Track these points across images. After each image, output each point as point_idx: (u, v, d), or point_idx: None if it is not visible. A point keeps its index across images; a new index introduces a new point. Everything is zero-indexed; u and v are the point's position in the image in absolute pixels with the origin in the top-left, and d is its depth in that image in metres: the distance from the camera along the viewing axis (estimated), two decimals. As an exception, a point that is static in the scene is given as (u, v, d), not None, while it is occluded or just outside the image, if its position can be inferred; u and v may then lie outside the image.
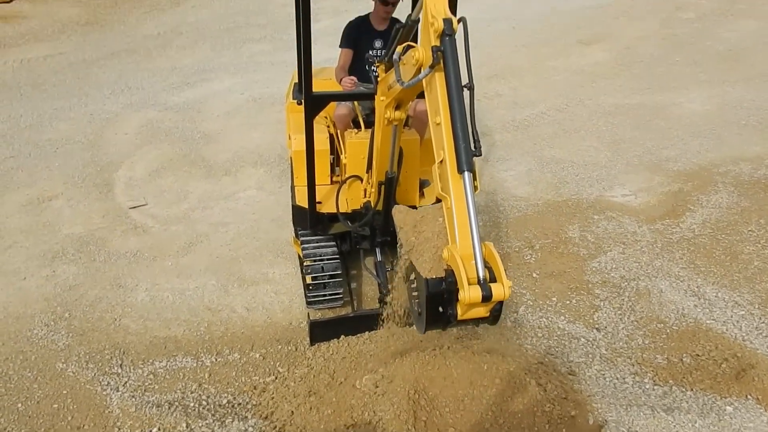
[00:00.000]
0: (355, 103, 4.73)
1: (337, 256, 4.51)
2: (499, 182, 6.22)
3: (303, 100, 4.02)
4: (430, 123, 2.82)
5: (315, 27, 10.41)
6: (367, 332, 4.31)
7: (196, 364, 4.20)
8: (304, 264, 4.49)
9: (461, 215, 2.57)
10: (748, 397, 3.82)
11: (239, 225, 5.54)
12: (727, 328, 4.46)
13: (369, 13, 4.64)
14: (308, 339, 4.30)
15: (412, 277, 2.78)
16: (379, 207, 4.25)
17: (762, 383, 3.87)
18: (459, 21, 2.76)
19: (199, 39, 9.52)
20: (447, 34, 2.70)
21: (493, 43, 9.34)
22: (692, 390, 3.95)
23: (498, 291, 2.40)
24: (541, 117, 7.55)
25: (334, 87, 4.74)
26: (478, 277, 2.43)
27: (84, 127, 7.08)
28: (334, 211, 4.42)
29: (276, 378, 4.10)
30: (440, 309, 2.54)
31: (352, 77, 4.51)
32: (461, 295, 2.39)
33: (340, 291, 4.54)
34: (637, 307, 4.68)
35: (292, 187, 4.74)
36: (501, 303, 2.49)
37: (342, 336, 4.30)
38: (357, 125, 4.66)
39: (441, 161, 2.69)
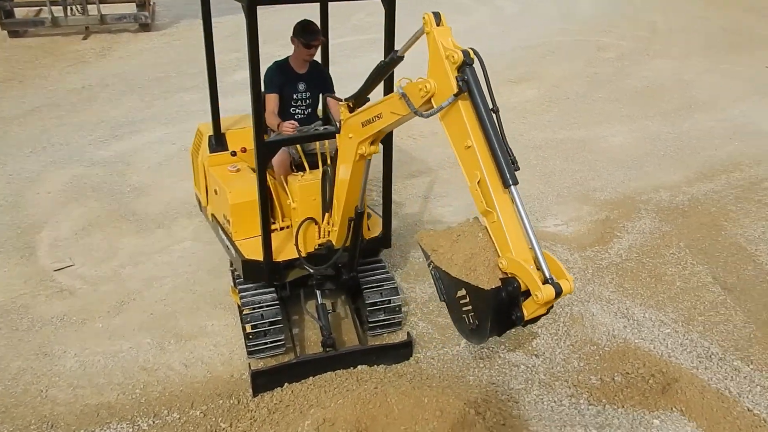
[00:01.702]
0: (298, 146, 4.73)
1: (277, 303, 4.46)
2: (438, 218, 6.35)
3: (256, 148, 3.98)
4: (455, 148, 2.96)
5: (237, 77, 10.50)
6: (311, 377, 4.28)
7: (132, 429, 4.02)
8: (243, 313, 4.42)
9: (510, 225, 2.76)
10: (674, 409, 4.00)
11: (174, 279, 5.42)
12: (654, 346, 4.66)
13: (288, 57, 4.69)
14: (251, 390, 4.21)
15: (461, 293, 2.87)
16: (347, 244, 4.26)
17: (685, 395, 4.06)
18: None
19: (126, 90, 9.40)
20: (468, 63, 2.89)
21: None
22: (623, 407, 4.09)
23: (566, 286, 2.66)
24: (474, 153, 7.76)
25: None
26: (545, 276, 2.65)
27: (2, 189, 6.81)
28: (290, 257, 4.38)
29: (218, 434, 3.98)
30: (505, 314, 2.74)
31: (292, 121, 4.54)
32: (538, 295, 2.60)
33: (282, 338, 4.47)
34: (572, 331, 4.83)
35: (232, 243, 4.61)
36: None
37: (286, 384, 4.24)
38: (298, 169, 4.65)
39: (478, 181, 2.84)
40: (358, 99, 3.69)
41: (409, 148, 7.69)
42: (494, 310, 2.74)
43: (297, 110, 4.71)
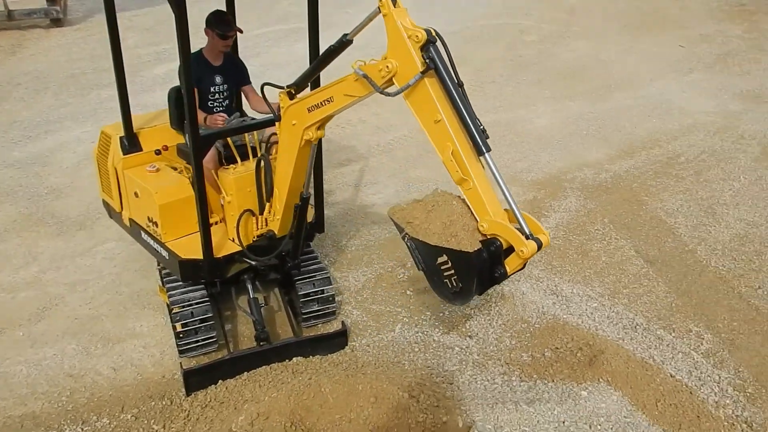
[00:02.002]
0: (228, 139, 4.60)
1: (207, 299, 4.37)
2: (368, 205, 6.35)
3: (192, 143, 3.85)
4: (424, 124, 3.07)
5: (158, 71, 10.12)
6: (246, 372, 4.24)
7: (59, 438, 3.88)
8: (173, 311, 4.32)
9: (485, 190, 3.00)
10: (600, 380, 4.14)
11: (99, 281, 5.23)
12: (582, 320, 4.82)
13: (201, 49, 4.54)
14: (184, 390, 4.12)
15: (441, 259, 3.02)
16: (293, 230, 4.24)
17: (611, 366, 4.21)
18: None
19: (40, 89, 8.96)
20: (432, 41, 3.01)
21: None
22: (553, 381, 4.21)
23: (544, 239, 2.94)
24: (404, 140, 7.81)
25: (173, 133, 4.66)
26: (525, 233, 2.90)
27: None
28: (231, 252, 4.31)
29: (151, 436, 3.89)
30: (488, 273, 2.96)
31: (222, 113, 4.43)
32: (524, 251, 2.84)
33: (213, 335, 4.39)
34: (504, 310, 4.93)
35: (162, 246, 4.43)
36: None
37: (220, 381, 4.18)
38: (227, 162, 4.49)
39: (452, 152, 3.00)
40: (301, 85, 3.69)
41: (337, 137, 7.65)
42: (479, 271, 2.92)
43: (215, 104, 4.59)
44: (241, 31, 4.50)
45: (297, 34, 10.78)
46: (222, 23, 4.37)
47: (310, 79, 3.71)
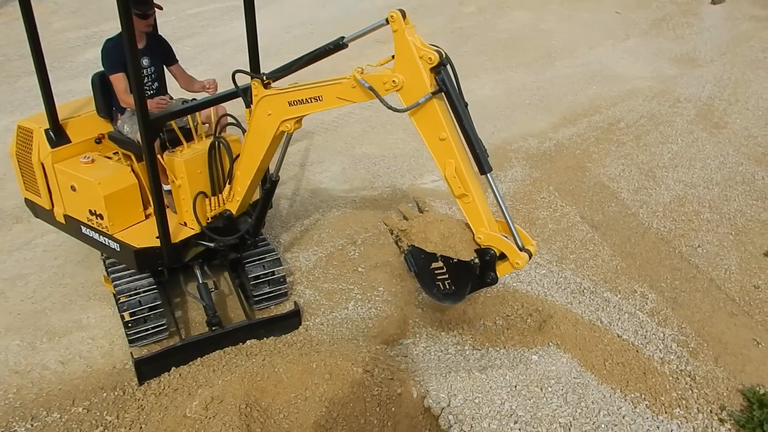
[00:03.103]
0: (173, 122, 4.43)
1: (155, 287, 4.29)
2: (315, 184, 6.30)
3: (142, 128, 3.74)
4: (428, 140, 3.19)
5: (88, 55, 9.70)
6: (198, 358, 4.19)
7: (8, 435, 3.77)
8: (119, 301, 4.22)
9: (483, 204, 3.19)
10: (550, 344, 4.24)
11: (40, 274, 5.05)
12: (531, 288, 4.92)
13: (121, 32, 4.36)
14: (136, 379, 4.05)
15: (436, 265, 3.31)
16: (257, 211, 4.27)
17: (560, 329, 4.32)
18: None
19: (-36, 78, 8.53)
20: (444, 64, 3.08)
21: (292, 50, 9.41)
22: (504, 347, 4.30)
23: (533, 250, 3.22)
24: (349, 116, 7.75)
25: (102, 121, 4.52)
26: (519, 245, 3.16)
27: None
28: (188, 236, 4.25)
29: (105, 428, 3.82)
30: (480, 278, 3.27)
31: (163, 96, 4.27)
32: (519, 262, 3.13)
33: (163, 322, 4.32)
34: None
35: (110, 238, 4.27)
36: None
37: (173, 368, 4.12)
38: (168, 145, 4.35)
39: (455, 168, 3.13)
40: (279, 77, 3.66)
41: (283, 116, 7.55)
42: (476, 273, 3.25)
43: (144, 87, 4.41)
44: (160, 8, 4.31)
45: (234, 12, 10.51)
46: (140, 2, 4.13)
47: (291, 73, 3.66)
